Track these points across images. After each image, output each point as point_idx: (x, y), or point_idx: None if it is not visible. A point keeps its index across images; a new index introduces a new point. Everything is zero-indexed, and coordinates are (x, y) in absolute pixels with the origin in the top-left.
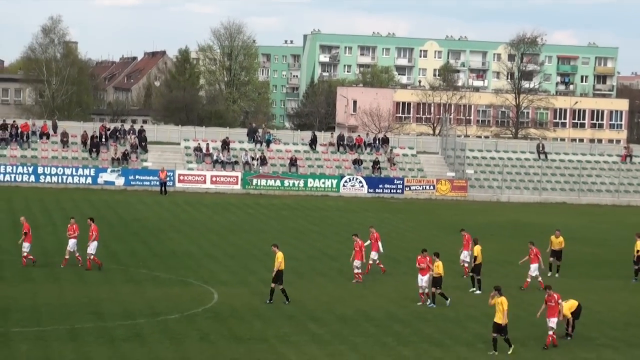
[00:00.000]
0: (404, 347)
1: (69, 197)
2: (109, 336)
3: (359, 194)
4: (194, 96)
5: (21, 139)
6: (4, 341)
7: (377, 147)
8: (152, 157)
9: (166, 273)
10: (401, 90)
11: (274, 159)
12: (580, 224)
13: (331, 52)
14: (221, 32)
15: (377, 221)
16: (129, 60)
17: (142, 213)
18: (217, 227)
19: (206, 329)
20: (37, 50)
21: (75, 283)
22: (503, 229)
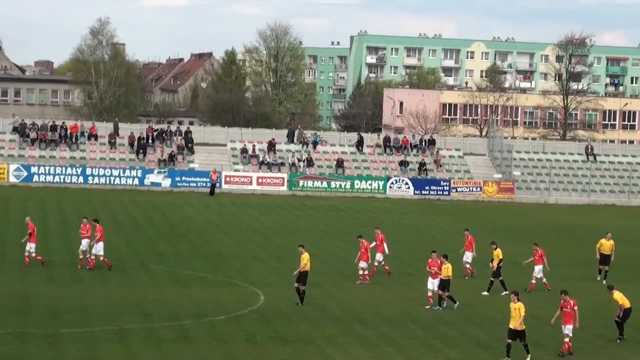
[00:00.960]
0: (450, 349)
1: (117, 199)
2: (156, 337)
3: (405, 195)
4: (240, 97)
5: (70, 140)
6: (53, 342)
7: (424, 149)
8: (198, 158)
9: (212, 274)
10: (448, 92)
11: (321, 160)
12: (630, 226)
13: (378, 53)
14: (267, 33)
15: (423, 223)
16: (176, 61)
17: (188, 214)
18: (263, 229)
19: (252, 330)
20: (85, 51)
21: (123, 284)
22: (550, 231)
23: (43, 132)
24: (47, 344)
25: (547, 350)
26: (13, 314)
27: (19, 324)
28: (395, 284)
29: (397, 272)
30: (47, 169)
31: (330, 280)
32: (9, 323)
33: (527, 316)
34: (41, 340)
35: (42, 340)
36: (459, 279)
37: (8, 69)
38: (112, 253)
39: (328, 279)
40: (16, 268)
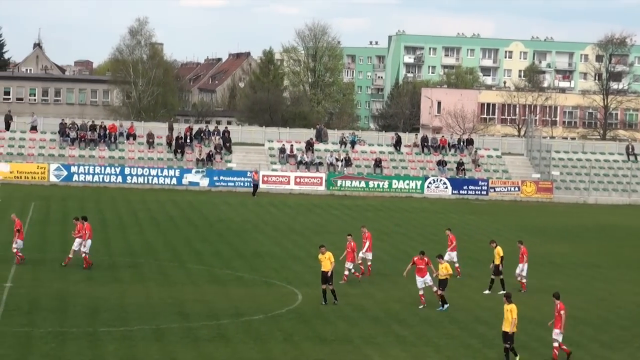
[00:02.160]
0: (489, 349)
1: (155, 198)
2: (194, 336)
3: (443, 195)
4: (278, 97)
5: (109, 140)
6: (92, 341)
7: (462, 149)
8: (236, 158)
9: (250, 274)
10: (486, 91)
11: (359, 160)
12: None
13: (416, 53)
14: (306, 33)
15: (460, 223)
16: (214, 61)
17: (226, 214)
18: (301, 228)
19: (290, 329)
20: (124, 51)
21: (161, 283)
22: (590, 232)
23: (82, 132)
24: (86, 342)
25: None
26: (53, 313)
27: (58, 323)
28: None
29: None
30: (86, 168)
31: (368, 279)
32: (49, 322)
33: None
34: (80, 339)
35: (82, 339)
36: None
37: (49, 68)
38: (151, 252)
39: (366, 279)
40: (57, 267)
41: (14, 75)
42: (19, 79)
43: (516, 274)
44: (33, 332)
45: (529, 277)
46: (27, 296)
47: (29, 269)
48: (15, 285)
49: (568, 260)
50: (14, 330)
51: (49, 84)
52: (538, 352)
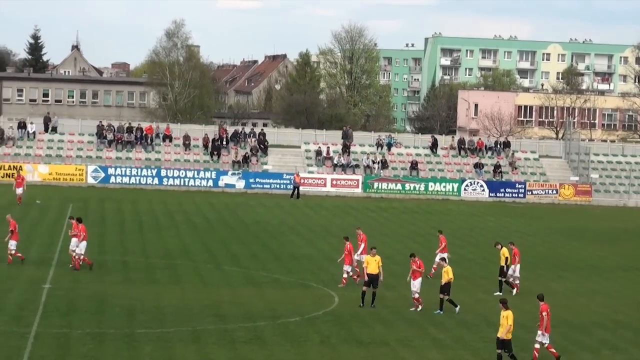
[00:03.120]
0: (525, 352)
1: (191, 200)
2: (230, 338)
3: (480, 198)
4: (315, 99)
5: (145, 141)
6: (129, 342)
7: (499, 151)
8: (272, 160)
9: (286, 276)
10: (523, 94)
11: (395, 162)
12: None
13: (452, 55)
14: (342, 35)
15: (497, 225)
16: (250, 63)
17: (262, 216)
18: (337, 230)
19: (327, 332)
20: (160, 53)
21: (197, 285)
22: (630, 235)
23: (119, 134)
24: (123, 344)
25: None
26: (91, 315)
27: (96, 324)
28: (470, 287)
29: (471, 275)
30: (123, 170)
31: (404, 282)
32: (87, 323)
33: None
34: (118, 341)
35: (119, 341)
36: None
37: (86, 70)
38: (187, 254)
39: (402, 281)
40: (94, 269)
41: (53, 77)
42: (57, 81)
43: (508, 275)
44: (71, 334)
45: (566, 279)
46: (65, 298)
47: (67, 271)
48: (53, 287)
49: (607, 263)
50: (52, 331)
51: (86, 86)
52: (576, 356)
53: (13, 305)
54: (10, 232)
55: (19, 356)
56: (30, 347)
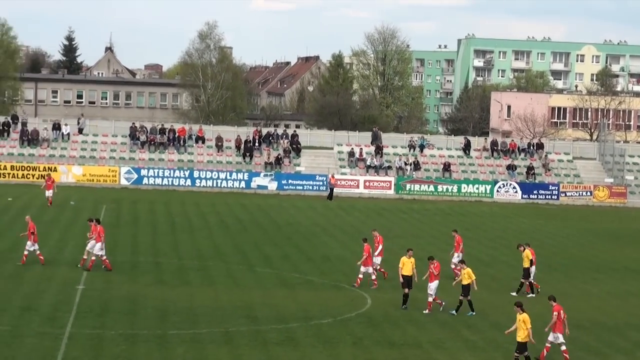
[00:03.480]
0: (558, 355)
1: (223, 201)
2: (262, 340)
3: (513, 199)
4: (347, 101)
5: (178, 143)
6: (161, 343)
7: (532, 153)
8: (305, 161)
9: (319, 277)
10: (557, 95)
11: (428, 164)
12: None
13: (485, 56)
14: (375, 36)
15: (531, 227)
16: (283, 65)
17: (294, 217)
18: (370, 232)
19: (359, 333)
20: (193, 55)
21: (229, 287)
22: None
23: (152, 135)
24: (155, 345)
25: None
26: (124, 316)
27: (128, 325)
28: (502, 289)
29: (505, 277)
30: (156, 171)
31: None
32: (120, 324)
33: None
34: (150, 342)
35: (151, 342)
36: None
37: (120, 72)
38: (219, 256)
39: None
40: (127, 270)
41: (87, 79)
42: (91, 83)
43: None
44: (104, 334)
45: (600, 281)
46: (98, 298)
47: (101, 272)
48: (87, 288)
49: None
50: (86, 332)
51: (119, 88)
52: (611, 358)
53: (47, 306)
54: (31, 233)
55: (53, 357)
56: (64, 347)
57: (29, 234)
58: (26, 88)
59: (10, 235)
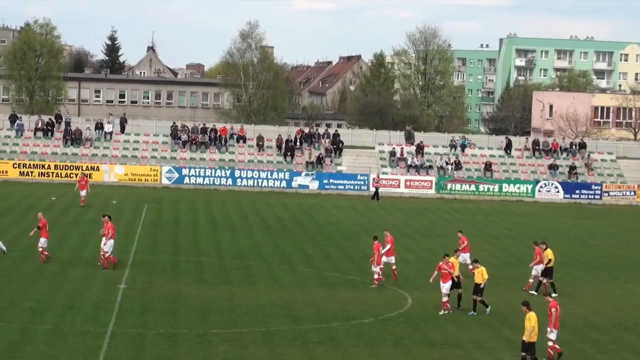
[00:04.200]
0: (602, 355)
1: (264, 201)
2: (303, 339)
3: (555, 199)
4: (389, 100)
5: (219, 142)
6: (202, 342)
7: (574, 152)
8: (346, 161)
9: (360, 277)
10: (600, 95)
11: (469, 163)
12: None
13: (527, 56)
14: (417, 36)
15: (573, 227)
16: (324, 64)
17: (336, 217)
18: (411, 232)
19: (400, 333)
20: (235, 55)
21: (270, 286)
22: None
23: (194, 135)
24: (196, 344)
25: None
26: (165, 315)
27: (170, 324)
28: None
29: None
30: (197, 170)
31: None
32: (161, 323)
33: None
34: (191, 341)
35: (192, 341)
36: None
37: (161, 72)
38: (260, 255)
39: None
40: (168, 269)
41: (129, 79)
42: (133, 82)
43: (532, 275)
44: (146, 333)
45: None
46: (140, 298)
47: (142, 271)
48: (128, 287)
49: None
50: (127, 331)
51: (161, 87)
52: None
53: (90, 305)
54: (38, 228)
55: (95, 356)
56: (106, 346)
57: (37, 229)
58: (69, 87)
59: (54, 234)
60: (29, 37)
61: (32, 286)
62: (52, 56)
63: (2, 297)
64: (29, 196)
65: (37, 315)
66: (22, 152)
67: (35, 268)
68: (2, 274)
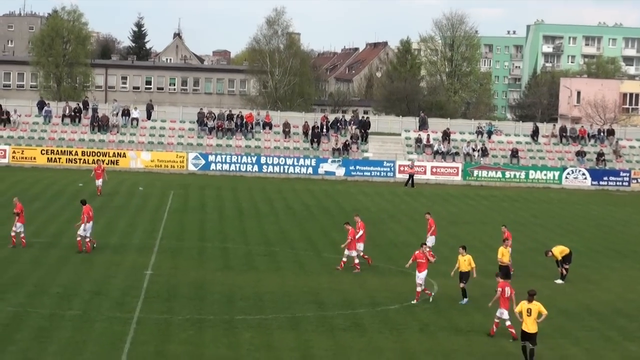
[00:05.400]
0: (630, 342)
1: (290, 187)
2: (329, 325)
3: (582, 186)
4: (415, 87)
5: (245, 129)
6: (228, 328)
7: (602, 139)
8: (372, 147)
9: (386, 263)
10: (628, 81)
11: (495, 150)
12: None
13: (554, 42)
14: (443, 22)
15: (600, 214)
16: (351, 51)
17: (362, 203)
18: (437, 219)
19: (426, 319)
20: (261, 41)
21: (296, 273)
22: None
23: (220, 121)
24: (222, 330)
25: None
26: (191, 301)
27: (196, 310)
28: (570, 276)
29: (573, 264)
30: (223, 157)
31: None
32: (187, 309)
33: None
34: (217, 327)
35: (218, 327)
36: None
37: (188, 58)
38: (286, 241)
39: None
40: (194, 255)
41: (155, 65)
42: (159, 69)
43: None
44: (172, 319)
45: None
46: (166, 284)
47: (168, 257)
48: (155, 273)
49: None
50: (154, 317)
51: (187, 74)
52: None
53: (117, 291)
54: (16, 214)
55: (122, 341)
56: (133, 332)
57: (16, 215)
58: (97, 74)
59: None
60: (56, 24)
61: (60, 272)
62: (79, 43)
63: (30, 283)
64: (56, 182)
65: (65, 301)
66: (50, 138)
67: (63, 254)
68: (31, 261)
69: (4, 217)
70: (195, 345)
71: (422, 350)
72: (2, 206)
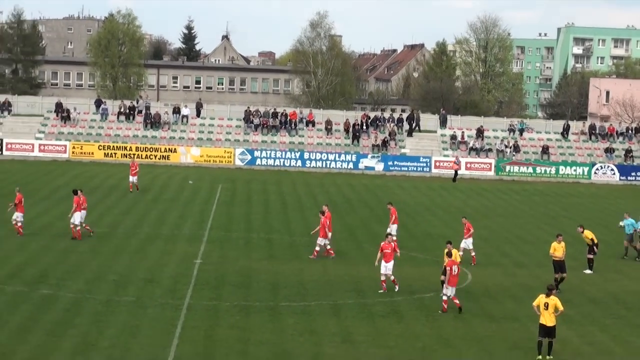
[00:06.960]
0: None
1: (332, 182)
2: (369, 312)
3: (611, 181)
4: (450, 86)
5: (289, 126)
6: (273, 314)
7: (630, 136)
8: (409, 144)
9: (422, 254)
10: None
11: (527, 146)
12: None
13: (584, 44)
14: (477, 25)
15: (628, 208)
16: (390, 52)
17: (400, 197)
18: (471, 211)
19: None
20: (305, 43)
21: (338, 262)
22: None
23: (265, 119)
24: (268, 316)
25: None
26: (238, 288)
27: (242, 297)
28: (600, 267)
29: (602, 255)
30: (268, 152)
31: (535, 261)
32: (235, 296)
33: None
34: (263, 313)
35: (264, 313)
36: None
37: (235, 59)
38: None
39: (533, 260)
40: (241, 245)
41: (204, 66)
42: (208, 69)
43: (461, 248)
44: (220, 305)
45: None
46: (214, 272)
47: (217, 247)
48: (204, 262)
49: None
50: (203, 303)
51: (235, 74)
52: None
53: (168, 279)
54: (15, 204)
55: (173, 326)
56: (183, 318)
57: (14, 204)
58: (149, 74)
59: (135, 212)
60: (112, 27)
61: (116, 261)
62: (133, 44)
63: (89, 271)
64: (112, 176)
65: (120, 287)
66: (106, 134)
67: (118, 244)
68: (90, 250)
69: (66, 210)
70: (242, 330)
71: (457, 336)
72: (63, 199)
